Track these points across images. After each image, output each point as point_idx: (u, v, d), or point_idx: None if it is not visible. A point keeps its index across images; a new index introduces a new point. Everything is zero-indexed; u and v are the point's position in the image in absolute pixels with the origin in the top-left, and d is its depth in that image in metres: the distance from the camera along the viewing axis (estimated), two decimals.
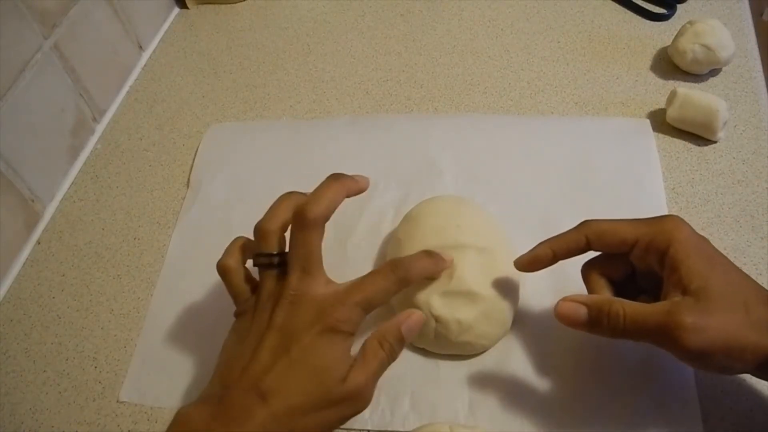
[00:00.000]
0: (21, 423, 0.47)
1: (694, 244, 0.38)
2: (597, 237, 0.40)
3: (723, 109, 0.56)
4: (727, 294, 0.36)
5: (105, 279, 0.55)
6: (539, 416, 0.43)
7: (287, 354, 0.37)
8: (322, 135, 0.62)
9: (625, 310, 0.37)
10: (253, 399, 0.36)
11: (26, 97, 0.56)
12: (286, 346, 0.37)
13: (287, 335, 0.37)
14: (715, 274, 0.36)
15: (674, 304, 0.36)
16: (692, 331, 0.35)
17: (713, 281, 0.36)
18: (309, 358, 0.37)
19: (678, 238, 0.37)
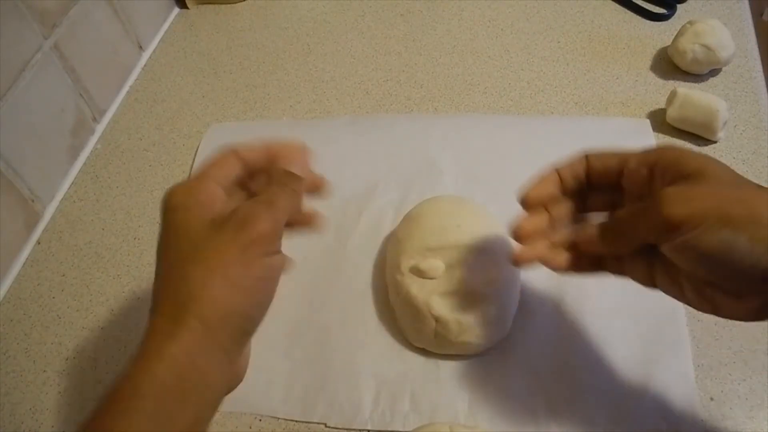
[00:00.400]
0: (21, 423, 0.47)
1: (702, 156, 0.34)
2: (597, 156, 0.38)
3: (723, 109, 0.56)
4: (726, 179, 0.33)
5: (105, 279, 0.55)
6: (539, 416, 0.43)
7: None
8: (322, 135, 0.62)
9: (621, 221, 0.36)
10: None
11: (26, 97, 0.56)
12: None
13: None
14: (717, 168, 0.33)
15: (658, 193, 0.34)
16: (675, 200, 0.32)
17: (711, 169, 0.33)
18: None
19: (703, 162, 0.34)
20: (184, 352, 0.31)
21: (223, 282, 0.32)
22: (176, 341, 0.31)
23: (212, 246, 0.33)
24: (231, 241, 0.33)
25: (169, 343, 0.31)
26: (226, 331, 0.32)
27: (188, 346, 0.31)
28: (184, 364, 0.31)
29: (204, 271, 0.33)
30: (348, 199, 0.56)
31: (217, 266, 0.33)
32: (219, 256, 0.33)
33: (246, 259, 0.33)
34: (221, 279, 0.32)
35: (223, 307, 0.32)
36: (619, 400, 0.43)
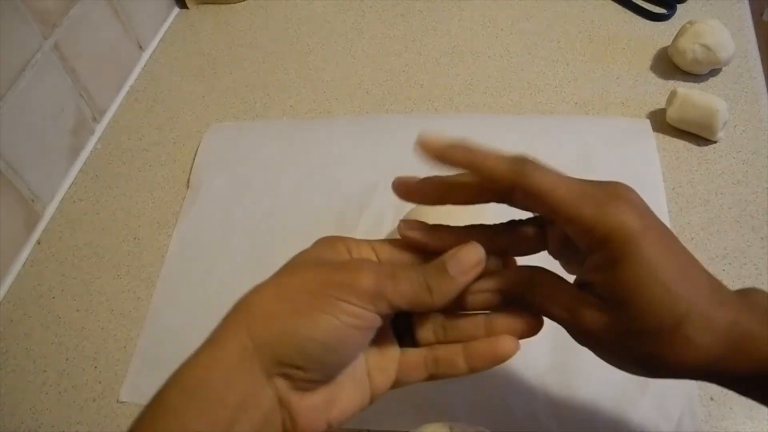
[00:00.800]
0: (21, 423, 0.47)
1: (646, 246, 0.29)
2: (525, 195, 0.30)
3: (723, 109, 0.56)
4: (666, 301, 0.29)
5: (105, 279, 0.55)
6: (539, 416, 0.43)
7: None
8: (322, 135, 0.63)
9: (544, 296, 0.32)
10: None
11: (26, 97, 0.56)
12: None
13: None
14: (658, 279, 0.29)
15: (584, 302, 0.30)
16: (602, 338, 0.30)
17: (651, 288, 0.29)
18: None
19: (622, 241, 0.29)
20: (217, 362, 0.29)
21: (285, 301, 0.29)
22: (214, 348, 0.29)
23: (304, 270, 0.31)
24: (324, 273, 0.30)
25: (207, 350, 0.29)
26: (271, 350, 0.29)
27: (226, 355, 0.29)
28: (217, 377, 0.28)
29: (275, 285, 0.30)
30: (348, 199, 0.56)
31: (291, 287, 0.30)
32: (300, 278, 0.30)
33: (323, 292, 0.29)
34: (286, 298, 0.29)
35: (275, 322, 0.29)
36: (619, 400, 0.43)
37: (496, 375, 0.45)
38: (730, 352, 0.29)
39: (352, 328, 0.29)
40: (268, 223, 0.56)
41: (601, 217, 0.29)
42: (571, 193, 0.30)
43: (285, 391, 0.29)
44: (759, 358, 0.29)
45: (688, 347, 0.29)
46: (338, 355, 0.30)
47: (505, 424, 0.43)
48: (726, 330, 0.29)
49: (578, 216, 0.29)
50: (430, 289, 0.30)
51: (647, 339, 0.29)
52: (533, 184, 0.30)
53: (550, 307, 0.31)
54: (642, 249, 0.29)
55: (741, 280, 0.49)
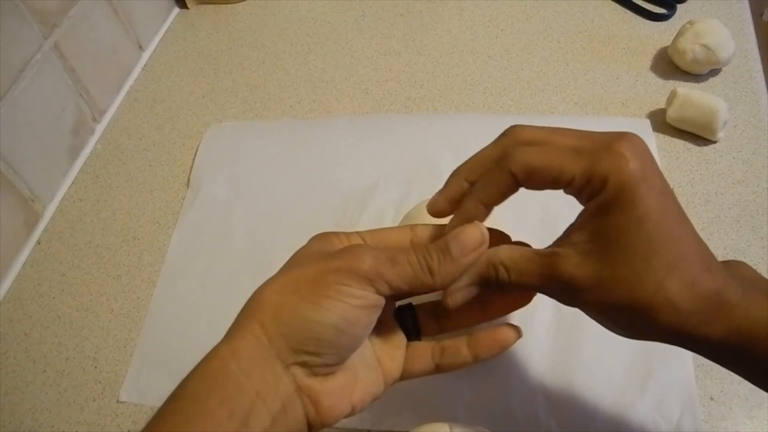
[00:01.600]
0: (21, 423, 0.47)
1: (639, 194, 0.29)
2: (525, 176, 0.31)
3: (723, 109, 0.56)
4: (652, 254, 0.29)
5: (105, 279, 0.55)
6: (539, 416, 0.43)
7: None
8: (322, 135, 0.63)
9: (509, 272, 0.32)
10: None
11: (26, 97, 0.56)
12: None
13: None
14: (646, 231, 0.29)
15: (558, 258, 0.30)
16: (585, 289, 0.30)
17: (638, 238, 0.29)
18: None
19: (617, 185, 0.29)
20: (234, 353, 0.30)
21: (292, 292, 0.30)
22: (230, 342, 0.30)
23: (304, 263, 0.32)
24: (323, 262, 0.31)
25: (224, 344, 0.30)
26: (284, 338, 0.30)
27: (241, 346, 0.30)
28: (233, 367, 0.29)
29: (280, 279, 0.32)
30: (348, 198, 0.57)
31: (295, 278, 0.31)
32: (301, 271, 0.31)
33: (325, 279, 0.30)
34: (292, 289, 0.31)
35: (285, 311, 0.30)
36: (619, 400, 0.43)
37: (496, 375, 0.45)
38: (708, 319, 0.29)
39: (357, 308, 0.30)
40: (268, 222, 0.56)
41: (598, 165, 0.29)
42: (563, 158, 0.30)
43: (303, 378, 0.30)
44: (737, 327, 0.29)
45: (669, 307, 0.29)
46: (349, 336, 0.31)
47: (505, 424, 0.43)
48: (709, 296, 0.29)
49: (573, 174, 0.30)
50: (431, 270, 0.31)
51: (630, 294, 0.29)
52: (526, 166, 0.31)
53: (523, 278, 0.32)
54: (637, 196, 0.28)
55: None
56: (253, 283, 0.55)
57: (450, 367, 0.35)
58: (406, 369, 0.35)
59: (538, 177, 0.31)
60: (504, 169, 0.31)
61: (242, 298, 0.51)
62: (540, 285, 0.32)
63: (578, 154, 0.30)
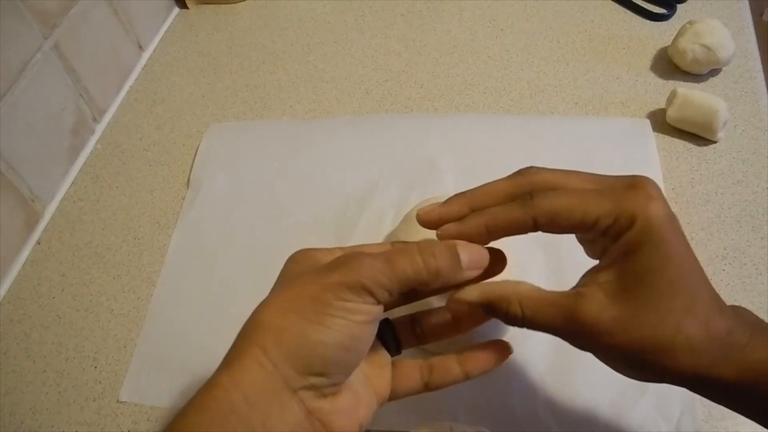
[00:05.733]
0: (21, 423, 0.47)
1: (664, 236, 0.29)
2: (548, 221, 0.31)
3: (723, 109, 0.56)
4: (673, 299, 0.30)
5: (105, 279, 0.55)
6: (539, 416, 0.43)
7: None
8: (322, 135, 0.62)
9: (523, 308, 0.32)
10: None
11: (26, 97, 0.56)
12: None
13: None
14: (669, 274, 0.29)
15: (583, 299, 0.30)
16: (606, 333, 0.30)
17: (663, 280, 0.29)
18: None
19: (645, 223, 0.29)
20: (236, 383, 0.28)
21: (293, 313, 0.29)
22: (231, 371, 0.29)
23: (298, 281, 0.31)
24: (318, 278, 0.30)
25: (224, 374, 0.29)
26: (290, 363, 0.29)
27: (243, 376, 0.28)
28: (236, 397, 0.28)
29: (278, 301, 0.30)
30: (348, 198, 0.56)
31: (293, 298, 0.30)
32: (298, 290, 0.30)
33: (325, 296, 0.29)
34: (292, 310, 0.29)
35: (289, 335, 0.29)
36: (619, 400, 0.43)
37: (496, 375, 0.45)
38: (721, 360, 0.30)
39: (361, 324, 0.30)
40: (268, 222, 0.56)
41: (625, 204, 0.29)
42: (586, 201, 0.30)
43: (312, 401, 0.29)
44: (748, 366, 0.30)
45: (686, 350, 0.30)
46: (354, 352, 0.30)
47: (505, 424, 0.43)
48: (721, 336, 0.30)
49: (599, 215, 0.30)
50: (438, 272, 0.31)
51: (651, 338, 0.30)
52: (549, 211, 0.31)
53: (539, 318, 0.32)
54: (665, 235, 0.29)
55: (741, 280, 0.49)
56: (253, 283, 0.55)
57: (440, 385, 0.35)
58: (394, 388, 0.35)
59: (561, 222, 0.31)
60: (527, 212, 0.31)
61: (242, 298, 0.51)
62: (558, 327, 0.32)
63: (600, 195, 0.30)
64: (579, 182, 0.32)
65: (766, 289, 0.48)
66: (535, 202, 0.31)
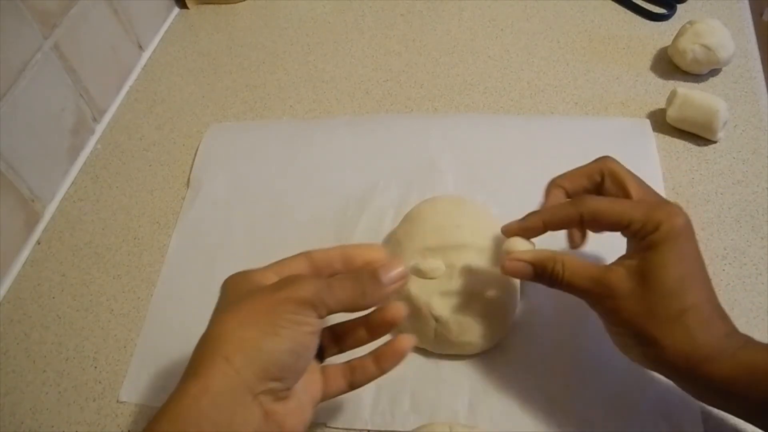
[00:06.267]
0: (21, 423, 0.47)
1: (680, 242, 0.37)
2: (592, 216, 0.39)
3: (723, 109, 0.56)
4: (679, 290, 0.36)
5: (105, 279, 0.55)
6: (539, 416, 0.43)
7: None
8: (322, 135, 0.63)
9: (564, 269, 0.39)
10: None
11: (26, 97, 0.56)
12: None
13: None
14: (678, 270, 0.36)
15: (610, 271, 0.38)
16: (622, 297, 0.37)
17: (672, 273, 0.36)
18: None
19: (667, 230, 0.37)
20: (204, 390, 0.32)
21: (250, 326, 0.33)
22: (198, 380, 0.32)
23: (249, 298, 0.35)
24: (268, 295, 0.35)
25: (192, 383, 0.32)
26: (251, 370, 0.32)
27: (210, 383, 0.32)
28: (205, 403, 0.31)
29: (234, 315, 0.34)
30: (348, 198, 0.57)
31: (249, 313, 0.34)
32: (252, 305, 0.34)
33: (277, 310, 0.34)
34: (249, 323, 0.33)
35: (249, 345, 0.33)
36: (620, 400, 0.43)
37: (496, 375, 0.45)
38: (717, 354, 0.35)
39: (308, 334, 0.35)
40: (267, 222, 0.56)
41: (655, 214, 0.37)
42: (623, 207, 0.39)
43: (270, 404, 0.34)
44: (739, 366, 0.35)
45: (684, 335, 0.35)
46: (303, 359, 0.35)
47: (505, 424, 0.43)
48: (720, 335, 0.36)
49: (632, 219, 0.37)
50: (364, 294, 0.36)
51: (654, 312, 0.36)
52: (594, 210, 0.39)
53: (575, 278, 0.39)
54: (678, 243, 0.37)
55: (741, 280, 0.49)
56: None
57: (361, 383, 0.40)
58: (324, 390, 0.39)
59: (602, 220, 0.39)
60: (577, 208, 0.39)
61: None
62: (587, 287, 0.38)
63: (636, 205, 0.39)
64: (632, 184, 0.41)
65: (766, 289, 0.48)
66: (585, 202, 0.39)
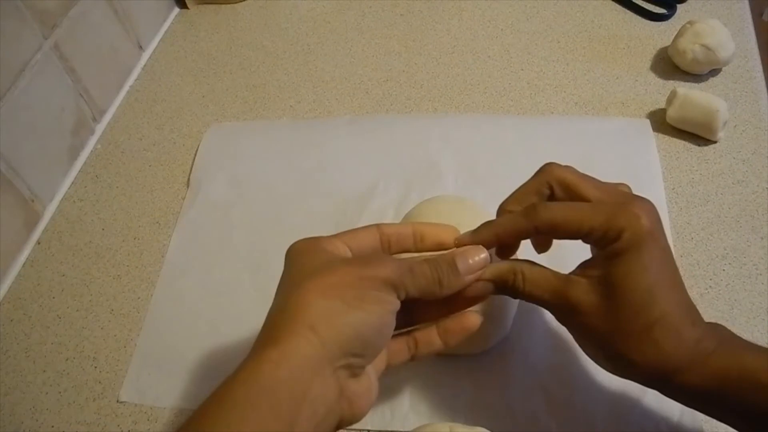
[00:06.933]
0: (21, 423, 0.47)
1: (646, 249, 0.34)
2: (547, 228, 0.36)
3: (723, 109, 0.56)
4: (646, 302, 0.33)
5: (105, 279, 0.55)
6: (539, 416, 0.43)
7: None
8: (322, 135, 0.63)
9: (525, 281, 0.36)
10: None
11: (26, 97, 0.56)
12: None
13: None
14: (645, 281, 0.33)
15: (571, 283, 0.35)
16: (585, 314, 0.35)
17: (638, 285, 0.33)
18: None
19: (630, 237, 0.33)
20: (285, 357, 0.30)
21: (336, 298, 0.32)
22: (279, 346, 0.30)
23: (331, 270, 0.33)
24: (354, 269, 0.33)
25: (272, 348, 0.30)
26: (336, 342, 0.31)
27: (293, 351, 0.30)
28: (285, 370, 0.30)
29: (317, 285, 0.32)
30: (348, 199, 0.57)
31: (333, 285, 0.32)
32: (336, 277, 0.33)
33: (363, 285, 0.32)
34: (334, 296, 0.32)
35: (336, 316, 0.31)
36: (619, 400, 0.43)
37: (497, 375, 0.45)
38: (688, 365, 0.33)
39: (389, 313, 0.33)
40: (267, 223, 0.56)
41: (615, 220, 0.34)
42: (581, 214, 0.35)
43: (345, 380, 0.32)
44: (710, 374, 0.33)
45: (654, 349, 0.33)
46: (383, 337, 0.34)
47: (505, 424, 0.43)
48: (690, 344, 0.34)
49: (592, 227, 0.34)
50: (440, 283, 0.35)
51: (621, 329, 0.34)
52: (548, 221, 0.35)
53: (535, 291, 0.36)
54: (642, 250, 0.33)
55: (741, 280, 0.49)
56: (252, 283, 0.55)
57: (423, 356, 0.38)
58: (388, 362, 0.38)
59: (559, 231, 0.36)
60: (530, 222, 0.36)
61: (242, 298, 0.51)
62: (548, 300, 0.36)
63: (595, 210, 0.35)
64: (587, 188, 0.36)
65: (766, 289, 0.48)
66: (538, 213, 0.36)
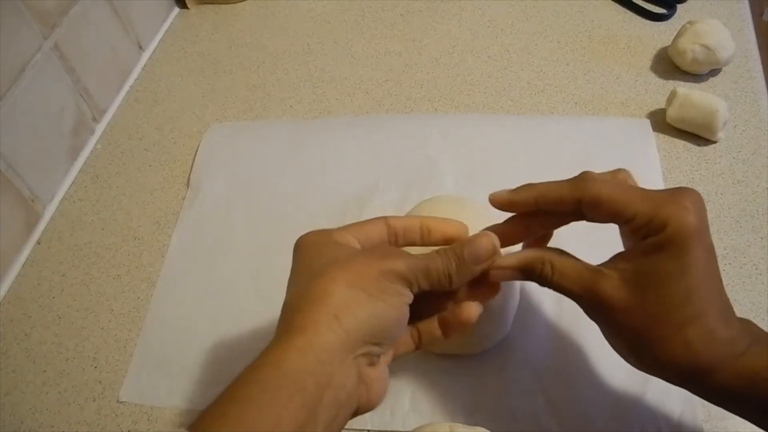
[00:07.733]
0: (21, 423, 0.47)
1: (689, 248, 0.32)
2: (592, 202, 0.34)
3: (723, 109, 0.56)
4: (681, 303, 0.32)
5: (105, 279, 0.55)
6: (539, 416, 0.43)
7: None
8: (322, 135, 0.63)
9: (553, 271, 0.36)
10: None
11: (26, 97, 0.56)
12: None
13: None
14: (684, 282, 0.32)
15: (602, 277, 0.34)
16: (615, 309, 0.33)
17: (675, 286, 0.32)
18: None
19: (673, 232, 0.32)
20: (310, 344, 0.31)
21: (358, 289, 0.32)
22: (305, 334, 0.31)
23: (352, 262, 0.34)
24: (374, 262, 0.33)
25: (297, 336, 0.31)
26: (360, 331, 0.32)
27: (318, 339, 0.31)
28: (310, 357, 0.30)
29: (341, 275, 0.33)
30: (348, 199, 0.57)
31: (355, 276, 0.33)
32: (357, 268, 0.33)
33: (383, 278, 0.33)
34: (357, 287, 0.32)
35: (360, 306, 0.32)
36: (619, 400, 0.43)
37: (496, 375, 0.45)
38: (719, 366, 0.33)
39: (405, 305, 0.34)
40: (267, 222, 0.56)
41: (662, 210, 0.32)
42: (629, 196, 0.34)
43: (364, 367, 0.33)
44: (740, 374, 0.32)
45: (685, 350, 0.33)
46: (400, 328, 0.35)
47: (505, 424, 0.43)
48: (722, 346, 0.33)
49: (637, 212, 0.33)
50: (450, 276, 0.35)
51: (652, 327, 0.33)
52: (595, 196, 0.34)
53: (564, 282, 0.35)
54: (685, 249, 0.32)
55: (741, 280, 0.49)
56: (252, 283, 0.55)
57: (427, 346, 0.39)
58: (394, 352, 0.38)
59: (602, 208, 0.34)
60: (574, 192, 0.35)
61: (242, 298, 0.51)
62: (577, 293, 0.35)
63: (644, 196, 0.34)
64: (629, 186, 0.35)
65: (766, 289, 0.48)
66: (585, 184, 0.34)
